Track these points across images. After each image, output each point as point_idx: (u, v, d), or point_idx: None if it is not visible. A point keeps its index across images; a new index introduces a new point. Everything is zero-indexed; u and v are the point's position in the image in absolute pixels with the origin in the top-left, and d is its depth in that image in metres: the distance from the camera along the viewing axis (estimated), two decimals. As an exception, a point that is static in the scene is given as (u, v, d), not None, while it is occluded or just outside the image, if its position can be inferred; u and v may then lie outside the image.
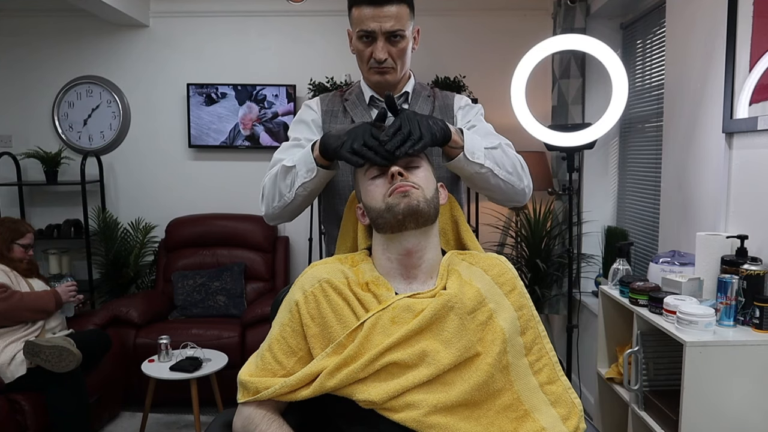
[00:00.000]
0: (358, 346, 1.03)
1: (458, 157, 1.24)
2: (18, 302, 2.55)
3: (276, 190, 1.32)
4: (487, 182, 1.30)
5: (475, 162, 1.25)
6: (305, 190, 1.29)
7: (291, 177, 1.29)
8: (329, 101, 1.53)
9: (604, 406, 2.31)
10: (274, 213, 1.36)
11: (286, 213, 1.36)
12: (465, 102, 1.54)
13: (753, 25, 1.82)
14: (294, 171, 1.28)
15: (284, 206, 1.33)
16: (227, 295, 3.52)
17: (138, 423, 3.02)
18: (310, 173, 1.26)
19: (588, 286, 3.36)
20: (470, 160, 1.25)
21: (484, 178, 1.29)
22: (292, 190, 1.29)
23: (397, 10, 1.34)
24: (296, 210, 1.36)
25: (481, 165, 1.26)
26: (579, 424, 1.07)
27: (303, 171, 1.27)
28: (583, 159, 3.39)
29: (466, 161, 1.25)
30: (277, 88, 3.79)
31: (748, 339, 1.62)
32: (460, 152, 1.24)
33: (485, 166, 1.27)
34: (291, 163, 1.29)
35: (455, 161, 1.25)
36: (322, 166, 1.25)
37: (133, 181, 3.98)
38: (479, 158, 1.26)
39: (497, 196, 1.37)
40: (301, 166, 1.27)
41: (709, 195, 2.07)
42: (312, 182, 1.28)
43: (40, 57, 3.89)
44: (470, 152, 1.25)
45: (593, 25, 3.25)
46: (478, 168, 1.27)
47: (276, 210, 1.35)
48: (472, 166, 1.26)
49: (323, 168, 1.26)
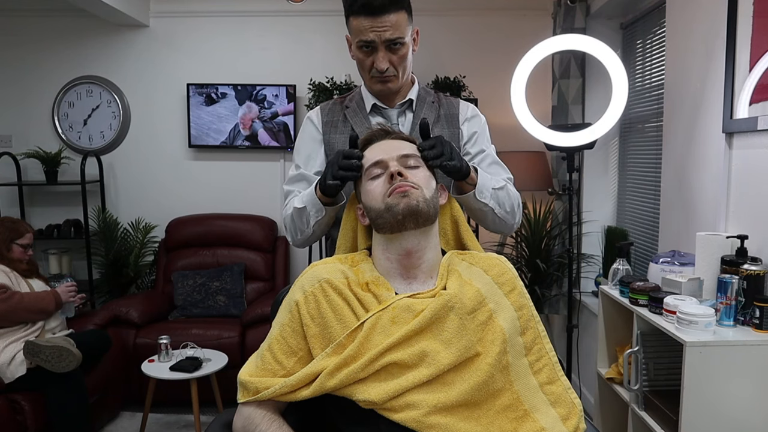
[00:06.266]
0: (358, 346, 1.03)
1: (468, 194, 1.32)
2: (18, 303, 2.55)
3: (296, 227, 1.43)
4: (485, 217, 1.40)
5: (481, 201, 1.34)
6: (320, 225, 1.38)
7: (305, 217, 1.38)
8: (329, 110, 1.53)
9: (604, 406, 2.31)
10: (300, 243, 1.47)
11: (312, 239, 1.45)
12: (471, 113, 1.54)
13: (753, 25, 1.82)
14: (306, 212, 1.37)
15: (308, 237, 1.43)
16: (227, 295, 3.52)
17: (138, 423, 3.02)
18: (320, 213, 1.35)
19: (588, 286, 3.36)
20: (477, 199, 1.33)
21: (484, 214, 1.39)
22: (310, 227, 1.39)
23: (395, 18, 1.34)
24: (321, 234, 1.45)
25: (486, 204, 1.35)
26: (579, 424, 1.07)
27: (313, 211, 1.35)
28: (583, 159, 3.39)
29: (474, 199, 1.33)
30: (277, 88, 3.79)
31: (748, 339, 1.63)
32: (472, 189, 1.32)
33: (489, 205, 1.36)
34: (301, 204, 1.38)
35: (464, 196, 1.33)
36: (327, 204, 1.33)
37: (133, 181, 3.98)
38: (486, 198, 1.34)
39: (488, 227, 1.46)
40: (310, 207, 1.35)
41: (709, 195, 2.07)
42: (324, 218, 1.36)
43: (40, 57, 3.90)
44: (480, 192, 1.33)
45: (593, 25, 3.25)
46: (482, 206, 1.35)
47: (301, 241, 1.46)
48: (478, 204, 1.35)
49: (329, 205, 1.34)
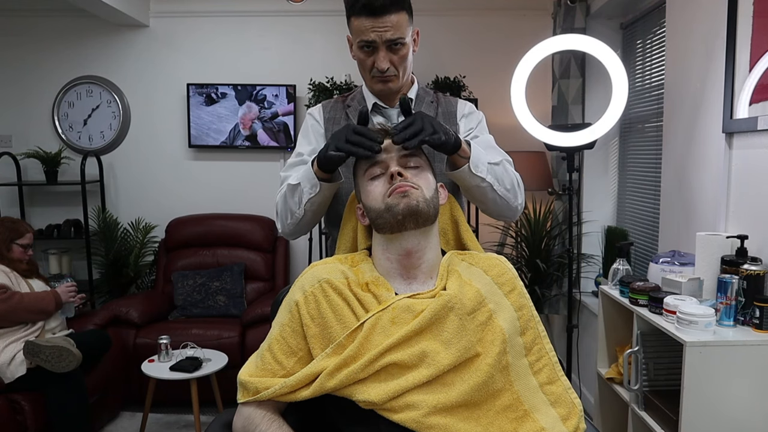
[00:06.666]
0: (358, 347, 1.03)
1: (462, 168, 1.27)
2: (18, 303, 2.55)
3: (287, 208, 1.38)
4: (484, 196, 1.34)
5: (478, 175, 1.29)
6: (313, 204, 1.33)
7: (298, 194, 1.33)
8: (331, 108, 1.54)
9: (604, 406, 2.31)
10: (290, 230, 1.42)
11: (301, 228, 1.41)
12: (468, 110, 1.54)
13: (753, 25, 1.82)
14: (299, 188, 1.32)
15: (297, 222, 1.38)
16: (227, 295, 3.52)
17: (138, 423, 3.02)
18: (314, 188, 1.30)
19: (588, 286, 3.36)
20: (473, 173, 1.28)
21: (483, 192, 1.33)
22: (301, 207, 1.34)
23: (396, 18, 1.34)
24: (310, 223, 1.40)
25: (483, 179, 1.30)
26: (579, 424, 1.07)
27: (308, 187, 1.31)
28: (583, 159, 3.39)
29: (470, 173, 1.28)
30: (277, 88, 3.79)
31: (748, 339, 1.63)
32: (466, 163, 1.27)
33: (486, 180, 1.30)
34: (295, 180, 1.33)
35: (459, 171, 1.28)
36: (323, 180, 1.28)
37: (133, 181, 3.98)
38: (482, 172, 1.29)
39: (491, 210, 1.41)
40: (305, 182, 1.31)
41: (709, 195, 2.07)
42: (318, 196, 1.31)
43: (40, 57, 3.90)
44: (474, 165, 1.28)
45: (593, 25, 3.25)
46: (479, 181, 1.30)
47: (291, 227, 1.40)
48: (474, 179, 1.29)
49: (325, 181, 1.29)
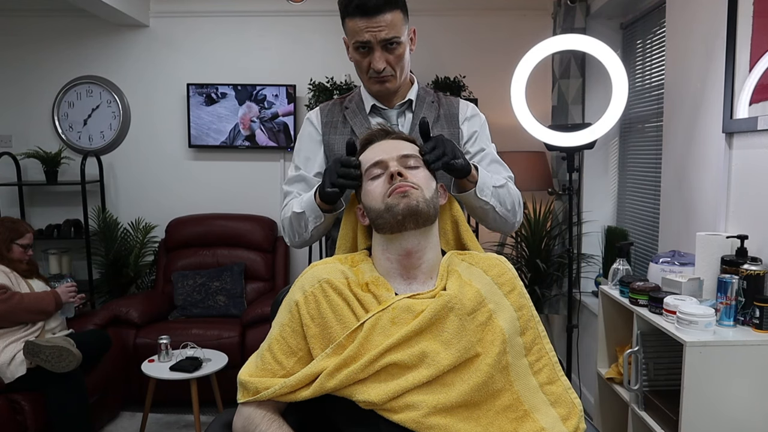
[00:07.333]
0: (358, 347, 1.03)
1: (468, 192, 1.32)
2: (18, 304, 2.55)
3: (294, 231, 1.44)
4: (486, 215, 1.40)
5: (482, 199, 1.34)
6: (319, 228, 1.39)
7: (303, 221, 1.38)
8: (329, 111, 1.54)
9: (604, 406, 2.31)
10: (298, 244, 1.48)
11: (311, 241, 1.46)
12: (471, 112, 1.54)
13: (753, 25, 1.82)
14: (305, 216, 1.37)
15: (305, 241, 1.45)
16: (227, 295, 3.52)
17: (138, 423, 3.02)
18: (318, 219, 1.35)
19: (588, 286, 3.36)
20: (478, 197, 1.33)
21: (485, 212, 1.38)
22: (308, 231, 1.40)
23: (390, 17, 1.34)
24: (319, 237, 1.45)
25: (487, 202, 1.35)
26: (579, 424, 1.07)
27: (312, 217, 1.36)
28: (583, 159, 3.39)
29: (475, 197, 1.33)
30: (277, 88, 3.79)
31: (748, 339, 1.63)
32: (473, 187, 1.31)
33: (490, 203, 1.36)
34: (300, 209, 1.38)
35: (465, 194, 1.32)
36: (326, 211, 1.33)
37: (133, 181, 3.98)
38: (486, 196, 1.34)
39: (489, 225, 1.46)
40: (309, 212, 1.36)
41: (709, 195, 2.06)
42: (323, 224, 1.37)
43: (40, 57, 3.89)
44: (480, 189, 1.32)
45: (593, 25, 3.24)
46: (483, 204, 1.35)
47: (299, 243, 1.47)
48: (479, 202, 1.34)
49: (328, 212, 1.34)
